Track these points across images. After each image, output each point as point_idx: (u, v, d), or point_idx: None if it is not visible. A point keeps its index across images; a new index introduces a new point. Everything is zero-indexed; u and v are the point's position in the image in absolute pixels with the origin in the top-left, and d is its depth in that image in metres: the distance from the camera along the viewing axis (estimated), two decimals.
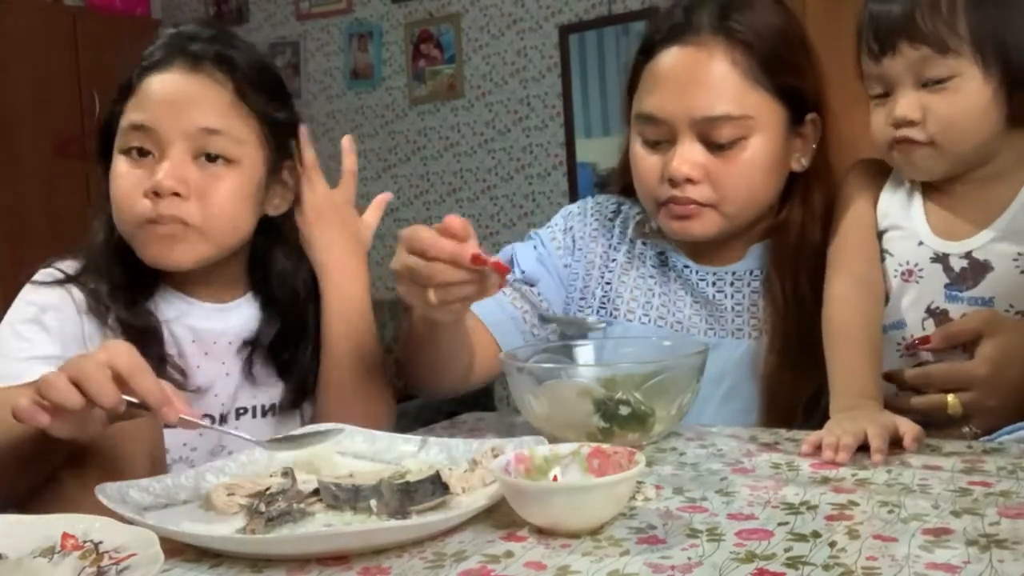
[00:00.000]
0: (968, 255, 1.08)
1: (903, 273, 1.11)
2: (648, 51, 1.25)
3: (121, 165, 1.10)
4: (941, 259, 1.09)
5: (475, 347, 1.24)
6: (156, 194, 1.07)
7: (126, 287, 1.13)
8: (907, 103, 1.06)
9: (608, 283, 1.36)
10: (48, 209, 4.02)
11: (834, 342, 1.10)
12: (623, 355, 1.17)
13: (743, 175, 1.21)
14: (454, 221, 0.95)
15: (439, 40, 4.33)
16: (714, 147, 1.20)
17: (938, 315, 1.09)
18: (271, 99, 1.16)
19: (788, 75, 1.21)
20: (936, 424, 1.07)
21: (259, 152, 1.14)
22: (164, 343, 1.14)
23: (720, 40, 1.20)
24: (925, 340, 1.08)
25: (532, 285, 1.36)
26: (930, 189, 1.13)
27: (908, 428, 0.94)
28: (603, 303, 1.35)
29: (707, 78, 1.19)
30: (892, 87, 1.08)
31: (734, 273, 1.30)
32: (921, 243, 1.11)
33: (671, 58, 1.22)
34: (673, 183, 1.21)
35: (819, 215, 1.25)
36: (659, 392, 1.01)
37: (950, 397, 1.04)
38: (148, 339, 1.11)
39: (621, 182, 1.40)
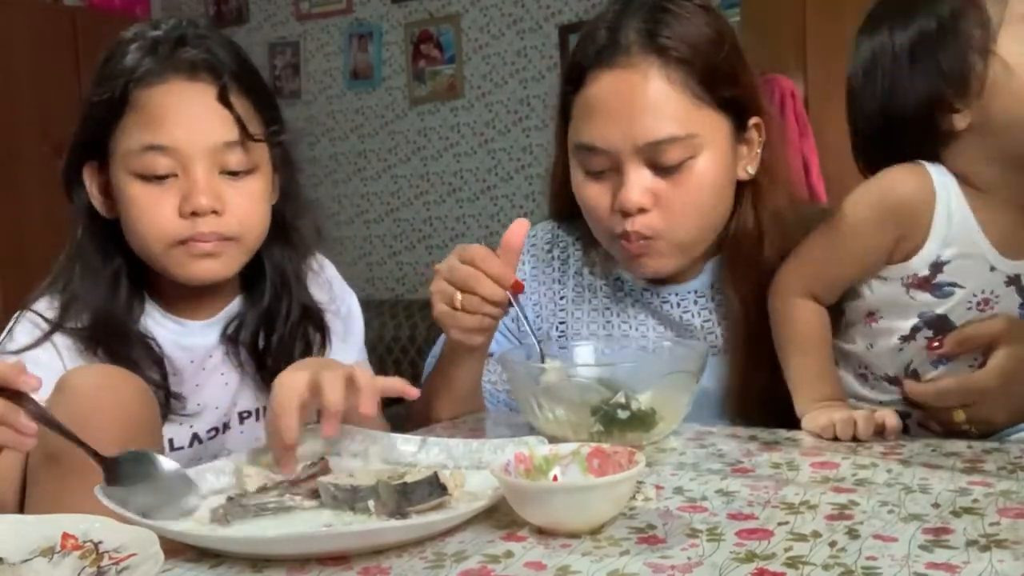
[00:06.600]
0: None
1: (978, 303, 1.04)
2: (577, 80, 1.18)
3: (138, 189, 1.07)
4: (1013, 280, 1.04)
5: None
6: (194, 214, 1.06)
7: (115, 313, 1.10)
8: None
9: (562, 322, 1.32)
10: (47, 209, 4.00)
11: (797, 343, 1.11)
12: (623, 355, 1.17)
13: (694, 198, 1.15)
14: (516, 236, 1.10)
15: (439, 40, 4.32)
16: (662, 170, 1.14)
17: None
18: (261, 94, 1.14)
19: (727, 86, 1.15)
20: (938, 424, 1.08)
21: (266, 151, 1.13)
22: (164, 367, 1.11)
23: (652, 59, 1.13)
24: (940, 343, 1.05)
25: None
26: (980, 209, 1.03)
27: (890, 421, 1.00)
28: (561, 345, 1.27)
29: (646, 101, 1.12)
30: None
31: (696, 291, 1.26)
32: (993, 268, 1.03)
33: (604, 84, 1.14)
34: (625, 213, 1.16)
35: (772, 223, 1.20)
36: (659, 392, 1.01)
37: (956, 411, 1.03)
38: (145, 366, 1.08)
39: (556, 207, 1.35)
